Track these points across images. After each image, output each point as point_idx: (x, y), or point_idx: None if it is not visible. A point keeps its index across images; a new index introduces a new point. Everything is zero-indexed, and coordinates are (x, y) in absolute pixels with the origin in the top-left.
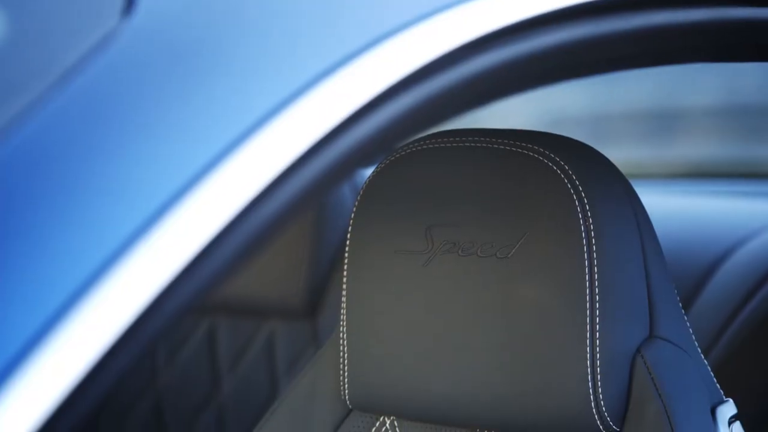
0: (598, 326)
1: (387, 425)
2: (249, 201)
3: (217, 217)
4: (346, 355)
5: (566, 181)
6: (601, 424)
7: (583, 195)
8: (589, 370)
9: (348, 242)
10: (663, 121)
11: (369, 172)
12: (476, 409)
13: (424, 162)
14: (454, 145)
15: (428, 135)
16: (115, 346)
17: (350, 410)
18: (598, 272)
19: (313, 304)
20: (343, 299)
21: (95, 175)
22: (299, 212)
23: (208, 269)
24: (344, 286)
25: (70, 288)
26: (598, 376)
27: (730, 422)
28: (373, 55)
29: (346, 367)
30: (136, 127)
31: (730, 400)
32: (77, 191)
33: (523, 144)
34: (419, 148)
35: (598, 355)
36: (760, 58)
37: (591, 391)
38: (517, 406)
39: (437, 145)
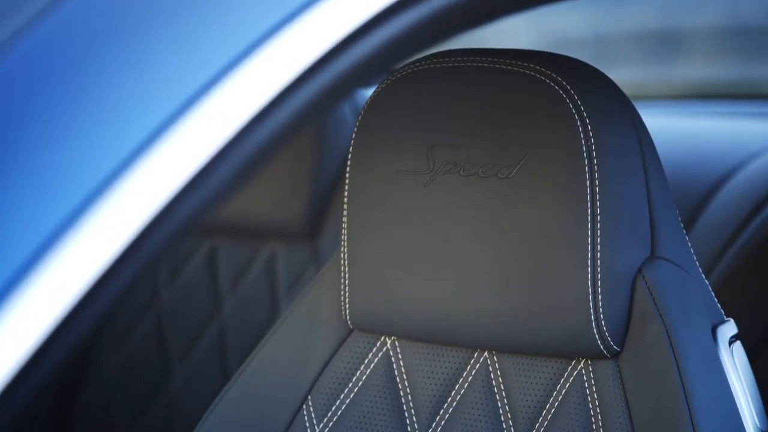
0: (599, 246)
1: (388, 345)
2: (248, 119)
3: (217, 135)
4: (346, 275)
5: (568, 101)
6: (601, 344)
7: (586, 115)
8: (590, 290)
9: (349, 163)
10: (665, 43)
11: (370, 92)
12: (476, 329)
13: (425, 82)
14: (456, 64)
15: (429, 55)
16: (116, 264)
17: (351, 330)
18: (599, 192)
19: (314, 225)
20: (344, 220)
21: (101, 88)
22: (298, 132)
23: (208, 188)
24: (345, 207)
25: (71, 205)
26: (599, 296)
27: (731, 342)
28: None
29: (346, 288)
30: (141, 42)
31: (731, 320)
32: (79, 107)
33: (526, 63)
34: (420, 68)
35: (599, 275)
36: None
37: (592, 311)
38: (518, 326)
39: (438, 65)
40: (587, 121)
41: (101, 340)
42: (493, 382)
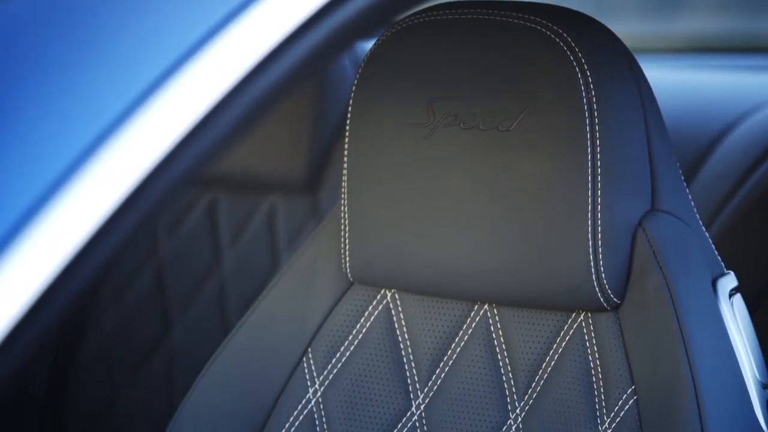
0: (599, 199)
1: (388, 298)
2: (247, 70)
3: (216, 87)
4: (346, 228)
5: (569, 53)
6: (601, 297)
7: (587, 68)
8: (590, 242)
9: (349, 116)
10: None
11: (370, 45)
12: (476, 282)
13: (425, 34)
14: (457, 17)
15: (429, 7)
16: (114, 216)
17: (351, 284)
18: (600, 145)
19: (314, 178)
20: (344, 172)
21: (104, 37)
22: (297, 84)
23: (207, 140)
24: (345, 160)
25: (69, 156)
26: (599, 249)
27: (731, 295)
28: None
29: (346, 240)
30: None
31: (731, 273)
32: (81, 56)
33: (526, 16)
34: (420, 20)
35: (599, 227)
36: None
37: (592, 263)
38: (517, 278)
39: (439, 17)
40: (588, 73)
41: (100, 294)
42: (493, 335)
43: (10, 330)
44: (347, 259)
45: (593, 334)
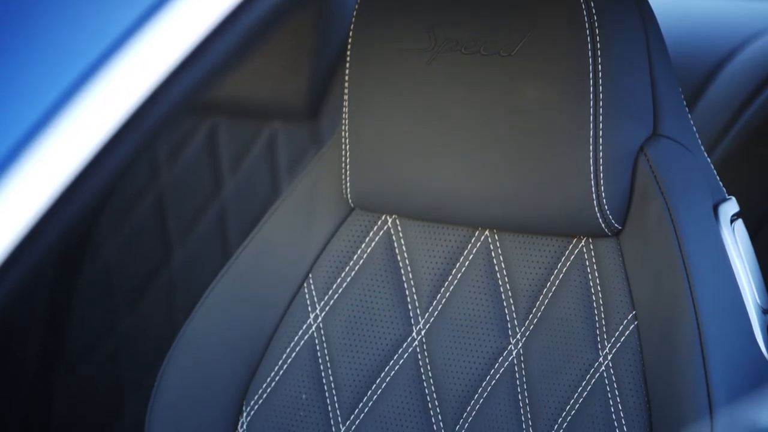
0: (601, 124)
1: (388, 224)
2: None
3: (214, 9)
4: (347, 153)
5: None
6: (602, 222)
7: None
8: (591, 167)
9: (350, 41)
10: None
11: None
12: (477, 207)
13: None
14: None
15: None
16: (114, 140)
17: (351, 209)
18: (602, 70)
19: (315, 105)
20: (345, 98)
21: None
22: (297, 7)
23: (205, 63)
24: (346, 86)
25: (68, 80)
26: (601, 174)
27: (732, 220)
28: None
29: (347, 166)
30: None
31: (733, 198)
32: None
33: None
34: None
35: (600, 152)
36: None
37: (593, 188)
38: (518, 204)
39: None
40: None
41: (100, 221)
42: (494, 261)
43: (11, 251)
44: (348, 184)
45: (594, 260)
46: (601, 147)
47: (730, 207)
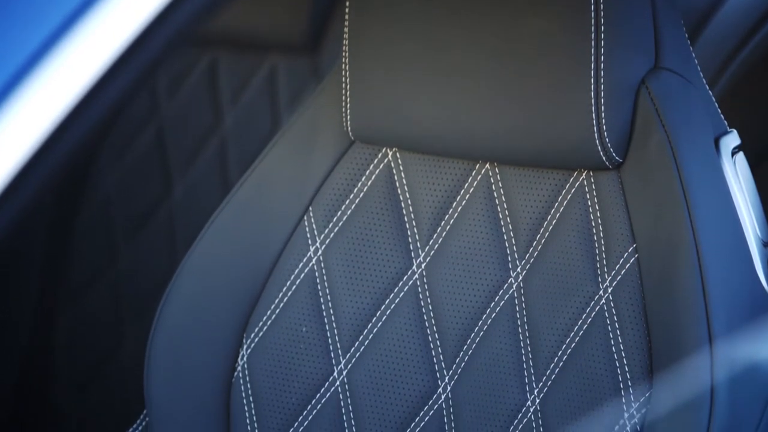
0: (602, 56)
1: (389, 157)
2: None
3: None
4: (348, 85)
5: None
6: (603, 155)
7: None
8: (592, 100)
9: None
10: None
11: None
12: (478, 140)
13: None
14: None
15: None
16: (112, 69)
17: (352, 143)
18: (603, 2)
19: (315, 38)
20: (345, 29)
21: None
22: None
23: None
24: (346, 18)
25: (66, 10)
26: (602, 107)
27: (734, 153)
28: None
29: (347, 98)
30: None
31: (734, 131)
32: None
33: None
34: None
35: (601, 85)
36: None
37: (594, 121)
38: (519, 137)
39: None
40: None
41: (99, 155)
42: (495, 194)
43: (11, 179)
44: (348, 116)
45: (595, 193)
46: (602, 79)
47: (732, 140)
